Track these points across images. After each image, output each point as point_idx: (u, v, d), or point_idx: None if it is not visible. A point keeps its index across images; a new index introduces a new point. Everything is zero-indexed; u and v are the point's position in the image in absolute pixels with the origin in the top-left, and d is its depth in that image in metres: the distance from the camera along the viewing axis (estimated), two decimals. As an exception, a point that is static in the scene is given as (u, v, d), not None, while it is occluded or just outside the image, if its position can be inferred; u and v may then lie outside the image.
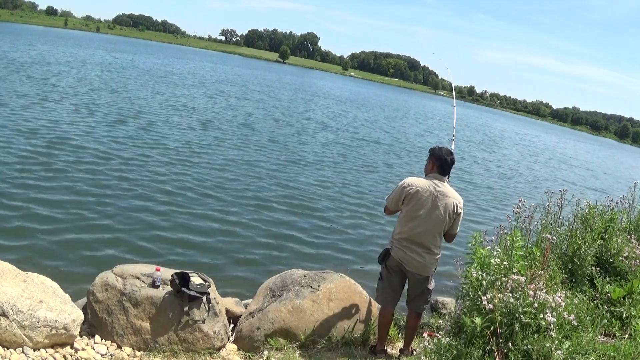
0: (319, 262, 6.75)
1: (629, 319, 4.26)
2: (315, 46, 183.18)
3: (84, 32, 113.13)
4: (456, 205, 3.77)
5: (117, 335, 3.81)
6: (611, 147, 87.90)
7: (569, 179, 21.88)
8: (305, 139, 16.85)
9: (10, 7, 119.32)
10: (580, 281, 4.98)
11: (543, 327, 3.29)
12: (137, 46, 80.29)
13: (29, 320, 3.41)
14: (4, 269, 3.66)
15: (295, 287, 4.45)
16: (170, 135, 13.17)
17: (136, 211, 7.34)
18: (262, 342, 4.09)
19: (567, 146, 51.22)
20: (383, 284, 4.03)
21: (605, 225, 5.51)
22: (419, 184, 3.80)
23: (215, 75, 42.63)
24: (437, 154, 3.86)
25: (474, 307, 3.68)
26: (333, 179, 11.74)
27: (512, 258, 4.14)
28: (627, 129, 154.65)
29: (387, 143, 20.08)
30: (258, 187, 9.82)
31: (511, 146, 33.09)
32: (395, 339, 4.49)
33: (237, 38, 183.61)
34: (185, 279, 3.90)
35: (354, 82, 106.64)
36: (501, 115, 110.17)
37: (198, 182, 9.35)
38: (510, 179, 17.68)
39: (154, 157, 10.57)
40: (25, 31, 66.55)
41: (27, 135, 10.37)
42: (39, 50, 34.54)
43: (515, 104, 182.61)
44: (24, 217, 6.42)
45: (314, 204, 9.34)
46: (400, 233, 3.88)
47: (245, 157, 12.24)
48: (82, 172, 8.60)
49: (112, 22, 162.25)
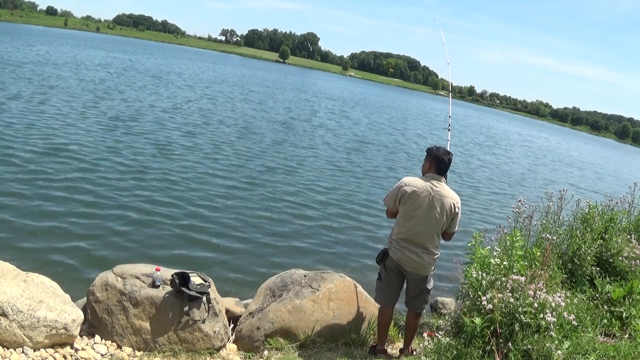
0: (319, 262, 6.76)
1: (629, 319, 4.26)
2: (315, 46, 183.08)
3: (84, 32, 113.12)
4: (453, 205, 3.77)
5: (117, 335, 3.81)
6: (611, 147, 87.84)
7: (577, 182, 21.34)
8: (306, 140, 16.85)
9: (10, 7, 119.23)
10: (580, 281, 4.97)
11: (543, 327, 3.29)
12: (137, 46, 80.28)
13: (29, 320, 3.41)
14: (4, 269, 3.66)
15: (295, 287, 4.45)
16: (170, 136, 13.17)
17: (136, 211, 7.34)
18: (262, 342, 4.09)
19: (570, 147, 50.89)
20: (382, 284, 4.03)
21: (605, 225, 5.50)
22: (416, 183, 3.80)
23: (216, 76, 42.63)
24: (434, 153, 3.85)
25: (474, 307, 3.68)
26: (333, 179, 11.74)
27: (512, 258, 4.14)
28: (627, 129, 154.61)
29: (387, 143, 20.08)
30: (258, 187, 9.82)
31: (515, 148, 32.72)
32: (395, 339, 4.49)
33: (237, 38, 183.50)
34: (185, 279, 3.90)
35: (354, 82, 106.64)
36: (501, 116, 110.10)
37: (198, 183, 9.35)
38: (516, 185, 16.82)
39: (154, 158, 10.56)
40: (25, 31, 66.51)
41: (28, 135, 10.37)
42: (39, 51, 34.50)
43: (515, 104, 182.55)
44: (24, 217, 6.41)
45: (314, 204, 9.35)
46: (399, 233, 3.87)
47: (246, 158, 12.24)
48: (81, 172, 8.60)
49: (112, 22, 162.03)
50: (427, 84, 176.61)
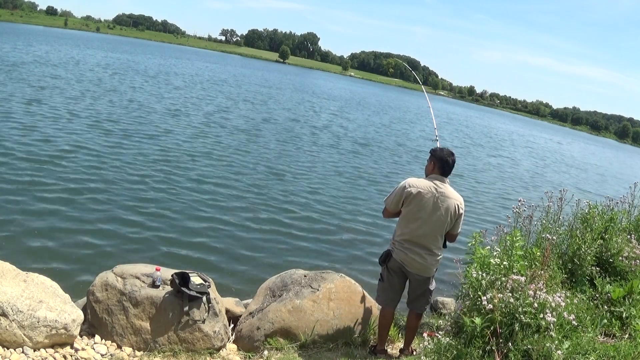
0: (319, 262, 6.75)
1: (629, 319, 4.26)
2: (315, 46, 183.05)
3: (84, 32, 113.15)
4: (457, 206, 3.76)
5: (117, 335, 3.81)
6: (612, 147, 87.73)
7: (584, 186, 20.82)
8: (307, 141, 16.84)
9: (10, 7, 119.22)
10: (580, 281, 4.97)
11: (543, 327, 3.29)
12: (136, 46, 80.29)
13: (29, 320, 3.41)
14: (4, 269, 3.66)
15: (295, 287, 4.44)
16: (170, 137, 13.18)
17: (136, 211, 7.34)
18: (262, 342, 4.09)
19: (573, 148, 50.57)
20: (384, 285, 4.03)
21: (605, 225, 5.50)
22: (420, 185, 3.79)
23: (216, 76, 42.60)
24: (438, 154, 3.85)
25: (474, 307, 3.68)
26: (333, 179, 11.74)
27: (512, 258, 4.13)
28: (627, 129, 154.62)
29: (388, 144, 20.08)
30: (258, 187, 9.82)
31: (519, 149, 32.28)
32: (395, 339, 4.49)
33: (237, 38, 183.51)
34: (185, 279, 3.90)
35: (354, 82, 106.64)
36: (501, 116, 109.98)
37: (198, 183, 9.35)
38: (522, 190, 15.91)
39: (154, 158, 10.56)
40: (25, 31, 66.51)
41: (28, 135, 10.37)
42: (37, 51, 34.50)
43: (515, 104, 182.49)
44: (24, 217, 6.42)
45: (315, 204, 9.35)
46: (402, 235, 3.86)
47: (246, 158, 12.25)
48: (81, 172, 8.60)
49: (112, 22, 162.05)
50: (427, 84, 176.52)
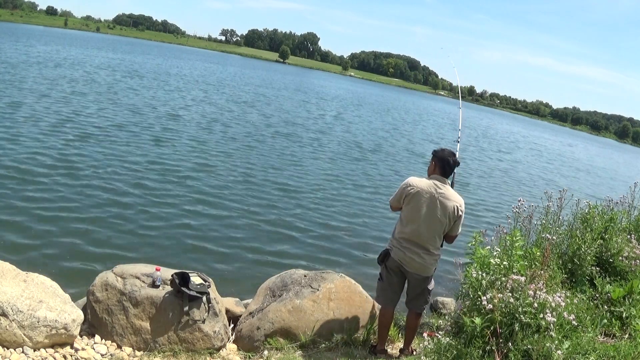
0: (319, 262, 6.75)
1: (629, 319, 4.26)
2: (315, 46, 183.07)
3: (84, 32, 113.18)
4: (457, 208, 3.75)
5: (117, 335, 3.81)
6: (612, 147, 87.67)
7: (594, 192, 19.56)
8: (307, 141, 16.84)
9: (10, 7, 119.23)
10: (580, 281, 4.98)
11: (543, 327, 3.29)
12: (136, 46, 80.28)
13: (29, 320, 3.41)
14: (4, 269, 3.66)
15: (295, 287, 4.45)
16: (170, 137, 13.17)
17: (136, 211, 7.34)
18: (262, 342, 4.09)
19: (575, 150, 50.31)
20: (383, 285, 4.03)
21: (605, 225, 5.50)
22: (420, 184, 3.80)
23: (215, 76, 42.60)
24: (439, 155, 3.85)
25: (474, 307, 3.69)
26: (334, 179, 11.73)
27: (512, 258, 4.14)
28: (627, 129, 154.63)
29: (389, 145, 20.08)
30: (258, 187, 9.82)
31: (522, 151, 31.88)
32: (395, 339, 4.49)
33: (237, 38, 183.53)
34: (185, 279, 3.90)
35: (354, 82, 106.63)
36: (501, 116, 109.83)
37: (198, 183, 9.35)
38: (528, 195, 15.19)
39: (154, 159, 10.56)
40: (25, 31, 66.51)
41: (28, 134, 10.37)
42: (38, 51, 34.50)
43: (515, 104, 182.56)
44: (24, 217, 6.41)
45: (315, 205, 9.34)
46: (400, 233, 3.87)
47: (247, 158, 12.24)
48: (81, 172, 8.60)
49: (112, 22, 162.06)
50: (427, 84, 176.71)
